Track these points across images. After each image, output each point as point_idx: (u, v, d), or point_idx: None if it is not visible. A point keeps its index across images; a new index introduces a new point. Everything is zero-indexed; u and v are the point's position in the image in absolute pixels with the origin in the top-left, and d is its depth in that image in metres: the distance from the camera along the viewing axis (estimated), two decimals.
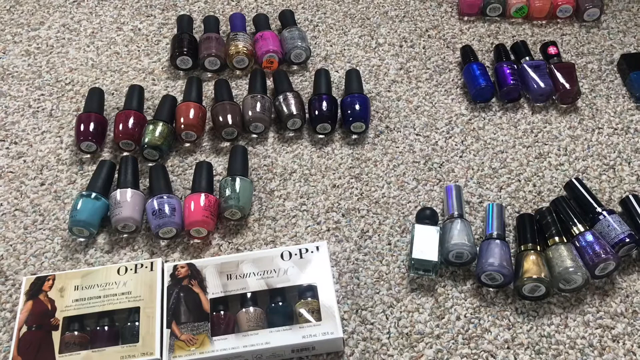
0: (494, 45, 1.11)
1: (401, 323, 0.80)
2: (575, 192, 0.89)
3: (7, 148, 1.01)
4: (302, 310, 0.77)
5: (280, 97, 1.01)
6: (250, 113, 0.99)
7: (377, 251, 0.87)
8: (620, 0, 1.19)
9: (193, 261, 0.82)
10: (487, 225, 0.86)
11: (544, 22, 1.17)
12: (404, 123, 1.02)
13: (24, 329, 0.76)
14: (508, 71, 1.03)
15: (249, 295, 0.79)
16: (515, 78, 1.03)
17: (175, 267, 0.82)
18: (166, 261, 0.87)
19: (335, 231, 0.89)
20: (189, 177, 0.96)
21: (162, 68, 1.12)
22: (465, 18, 1.18)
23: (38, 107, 1.06)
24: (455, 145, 0.99)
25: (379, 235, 0.89)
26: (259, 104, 1.00)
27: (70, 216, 0.87)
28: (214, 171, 0.96)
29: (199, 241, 0.89)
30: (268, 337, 0.75)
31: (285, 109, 1.00)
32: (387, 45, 1.14)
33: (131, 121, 0.98)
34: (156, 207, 0.87)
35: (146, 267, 0.82)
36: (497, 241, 0.83)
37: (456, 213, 0.86)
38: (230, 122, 0.98)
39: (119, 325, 0.78)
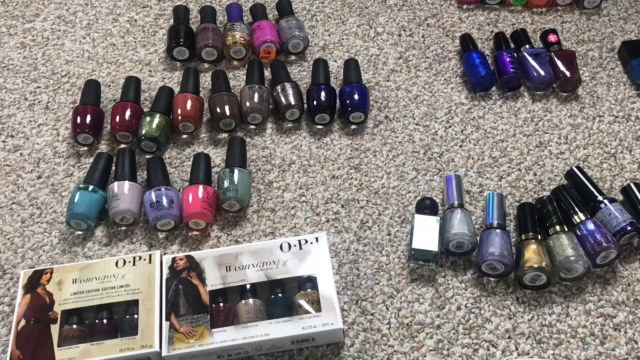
0: (493, 34, 1.10)
1: (401, 313, 0.80)
2: (576, 181, 0.88)
3: (4, 141, 1.00)
4: (302, 302, 0.77)
5: (278, 88, 1.00)
6: (248, 104, 0.98)
7: (376, 242, 0.87)
8: None
9: (192, 253, 0.82)
10: (488, 214, 0.85)
11: (544, 9, 1.16)
12: (404, 113, 1.01)
13: (22, 322, 0.76)
14: (508, 59, 1.03)
15: (248, 286, 0.78)
16: (515, 66, 1.02)
17: (173, 259, 0.81)
18: (165, 253, 0.86)
19: (335, 222, 0.89)
20: (186, 169, 0.95)
21: (158, 59, 1.11)
22: (465, 6, 1.17)
23: (34, 100, 1.05)
24: (455, 134, 0.98)
25: (378, 225, 0.88)
26: (256, 95, 0.99)
27: (67, 209, 0.87)
28: (212, 163, 0.95)
29: (197, 233, 0.89)
30: (268, 328, 0.75)
31: (283, 99, 0.99)
32: (386, 35, 1.13)
33: (128, 113, 0.97)
34: (154, 199, 0.86)
35: (144, 259, 0.81)
36: (498, 230, 0.82)
37: (456, 203, 0.86)
38: (227, 113, 0.97)
39: (118, 318, 0.77)
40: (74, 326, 0.76)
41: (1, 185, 0.94)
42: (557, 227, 0.82)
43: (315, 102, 0.98)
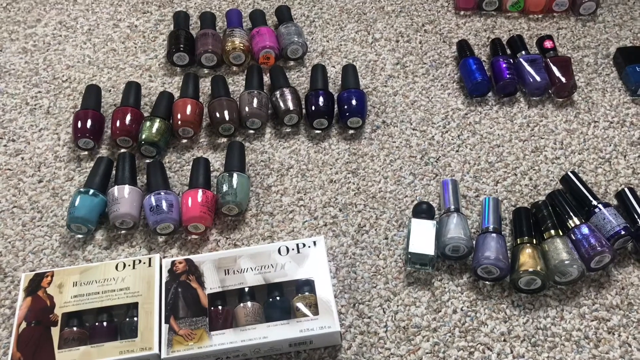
0: (490, 40, 1.12)
1: (398, 317, 0.81)
2: (571, 186, 0.89)
3: (5, 145, 1.01)
4: (300, 305, 0.78)
5: (277, 93, 1.01)
6: (247, 109, 0.99)
7: (374, 245, 0.88)
8: None
9: (191, 257, 0.83)
10: (484, 219, 0.86)
11: (540, 16, 1.17)
12: (401, 118, 1.02)
13: (23, 325, 0.77)
14: (504, 65, 1.04)
15: (246, 290, 0.79)
16: (512, 72, 1.03)
17: (173, 263, 0.82)
18: (164, 257, 0.87)
19: (333, 226, 0.90)
20: (186, 173, 0.96)
21: (158, 65, 1.12)
22: (462, 12, 1.18)
23: (35, 105, 1.06)
24: (452, 139, 0.99)
25: (375, 229, 0.89)
26: (255, 100, 1.00)
27: (68, 213, 0.88)
28: (211, 167, 0.96)
29: (196, 237, 0.89)
30: (266, 331, 0.75)
31: (282, 104, 1.00)
32: (384, 41, 1.14)
33: (128, 118, 0.98)
34: (154, 203, 0.87)
35: (144, 262, 0.82)
36: (494, 235, 0.83)
37: (452, 207, 0.87)
38: (227, 118, 0.98)
39: (118, 321, 0.78)
40: (74, 329, 0.77)
41: (2, 189, 0.95)
42: (552, 232, 0.83)
43: (313, 107, 0.99)
